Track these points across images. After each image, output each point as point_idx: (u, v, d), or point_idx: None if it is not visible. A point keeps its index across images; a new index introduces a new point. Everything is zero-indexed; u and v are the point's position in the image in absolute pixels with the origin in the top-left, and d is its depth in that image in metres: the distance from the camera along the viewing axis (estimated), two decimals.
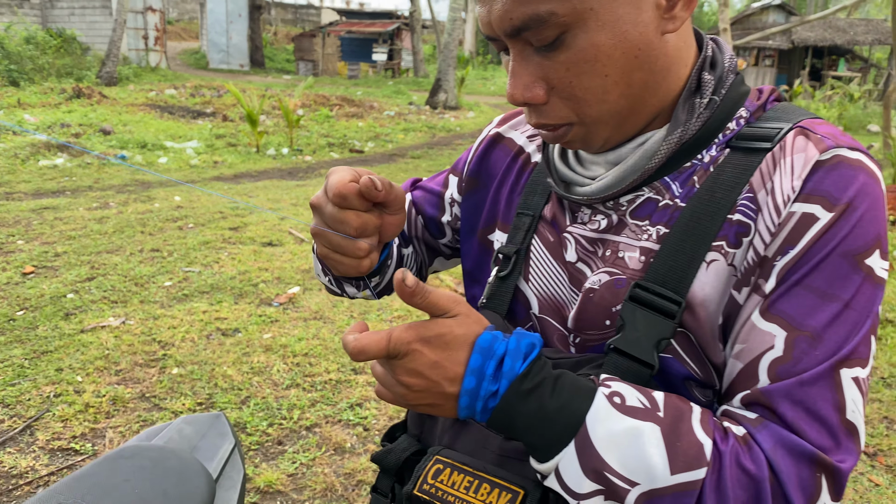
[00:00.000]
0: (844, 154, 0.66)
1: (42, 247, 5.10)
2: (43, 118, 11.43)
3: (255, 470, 2.60)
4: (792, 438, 0.61)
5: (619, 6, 0.65)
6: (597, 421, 0.62)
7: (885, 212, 0.66)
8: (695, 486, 0.60)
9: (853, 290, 0.63)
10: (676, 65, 0.72)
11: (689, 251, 0.69)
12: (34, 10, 22.90)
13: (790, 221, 0.66)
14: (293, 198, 7.16)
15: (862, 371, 0.63)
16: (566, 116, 0.71)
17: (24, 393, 3.05)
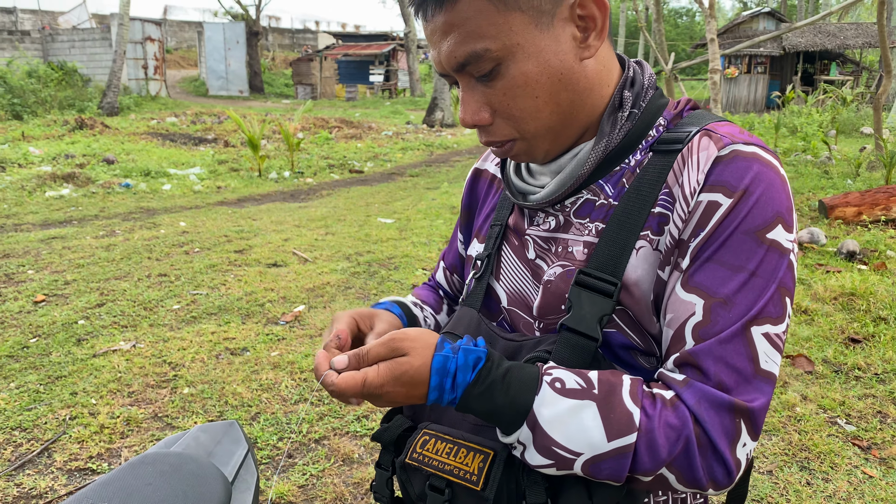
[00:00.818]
0: (740, 149, 0.78)
1: (52, 275, 5.21)
2: (47, 150, 11.59)
3: (266, 483, 2.68)
4: (713, 392, 0.72)
5: (541, 40, 0.78)
6: (542, 405, 0.74)
7: (785, 193, 0.77)
8: (629, 448, 0.71)
9: (757, 260, 0.75)
10: (598, 85, 0.84)
11: (621, 241, 0.82)
12: (35, 44, 23.21)
13: (699, 209, 0.77)
14: (296, 219, 7.27)
15: (773, 327, 0.75)
16: (509, 133, 0.85)
17: (41, 417, 3.14)
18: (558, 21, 0.79)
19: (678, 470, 0.72)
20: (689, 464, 0.71)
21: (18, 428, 3.06)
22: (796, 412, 3.09)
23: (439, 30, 0.79)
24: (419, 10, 0.81)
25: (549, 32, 0.78)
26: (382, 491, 0.95)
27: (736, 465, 0.72)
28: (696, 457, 0.71)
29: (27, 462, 2.81)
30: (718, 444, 0.71)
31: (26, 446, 2.93)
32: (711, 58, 6.29)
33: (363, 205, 8.22)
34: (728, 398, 0.72)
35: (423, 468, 0.85)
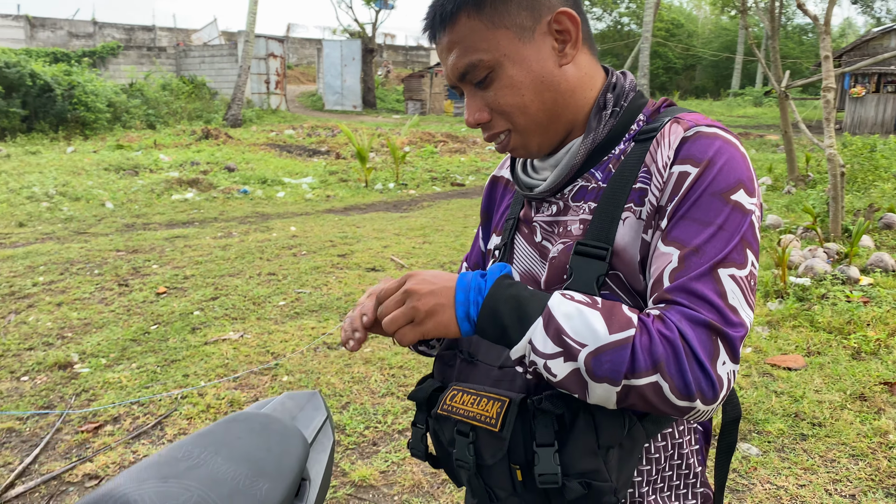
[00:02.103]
0: (702, 129, 0.93)
1: (173, 270, 5.68)
2: (175, 157, 12.50)
3: (352, 466, 2.86)
4: (691, 312, 0.84)
5: (523, 50, 0.97)
6: (555, 304, 0.87)
7: (745, 164, 0.92)
8: (628, 340, 0.83)
9: (724, 216, 0.88)
10: (581, 88, 1.01)
11: (610, 214, 0.97)
12: (170, 59, 24.99)
13: (672, 179, 0.92)
14: (396, 228, 7.55)
15: (738, 271, 0.87)
16: (503, 126, 1.02)
17: (157, 394, 3.47)
18: (538, 35, 0.97)
19: (671, 377, 0.81)
20: (680, 369, 0.81)
21: (137, 403, 3.39)
22: (888, 439, 2.98)
23: (445, 48, 0.99)
24: (430, 36, 1.02)
25: (530, 44, 0.97)
26: (417, 446, 1.10)
27: (718, 381, 0.82)
28: (685, 363, 0.81)
29: (142, 433, 3.12)
30: (701, 355, 0.82)
31: (143, 419, 3.25)
32: (825, 76, 6.07)
33: (461, 216, 8.42)
34: (704, 317, 0.84)
35: (452, 416, 0.99)
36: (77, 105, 16.20)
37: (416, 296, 0.92)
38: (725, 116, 25.74)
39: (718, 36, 39.54)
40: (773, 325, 4.26)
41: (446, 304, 0.92)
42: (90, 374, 3.70)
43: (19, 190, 9.35)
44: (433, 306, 0.92)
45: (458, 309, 0.91)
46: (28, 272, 5.60)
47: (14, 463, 2.88)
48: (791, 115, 8.31)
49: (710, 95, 35.35)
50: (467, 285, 0.92)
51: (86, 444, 3.03)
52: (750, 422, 3.14)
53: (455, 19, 0.97)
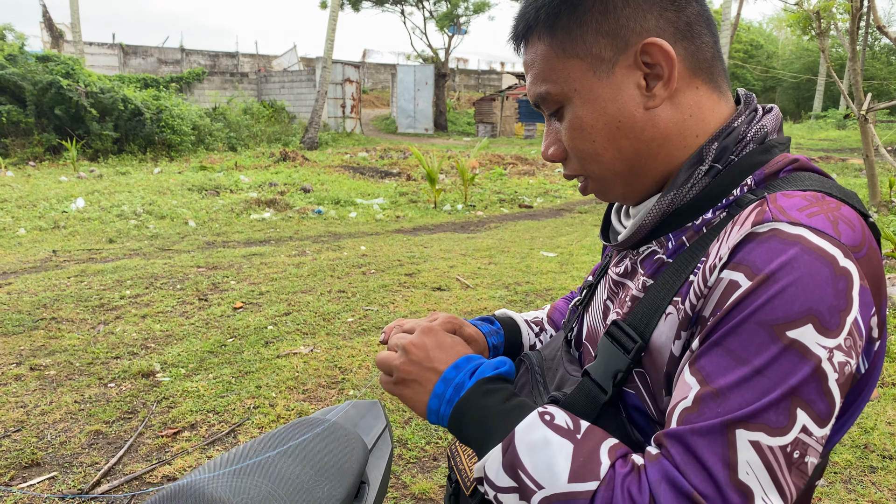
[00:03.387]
0: (781, 228, 0.69)
1: (250, 286, 5.93)
2: (254, 178, 12.99)
3: (412, 479, 2.95)
4: (676, 476, 0.66)
5: (599, 87, 0.80)
6: (524, 429, 0.75)
7: (834, 289, 0.66)
8: (585, 495, 0.69)
9: (767, 357, 0.66)
10: (677, 135, 0.81)
11: (657, 302, 0.79)
12: (251, 84, 25.98)
13: (719, 286, 0.70)
14: (463, 249, 7.66)
15: (769, 438, 0.65)
16: (578, 170, 0.88)
17: (231, 404, 3.65)
18: (620, 69, 0.80)
19: None
20: None
21: (212, 411, 3.58)
22: None
23: (525, 66, 0.89)
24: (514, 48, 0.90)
25: (608, 80, 0.80)
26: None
27: None
28: None
29: (217, 440, 3.29)
30: None
31: (217, 427, 3.42)
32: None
33: (528, 238, 8.46)
34: (688, 487, 0.65)
35: (452, 460, 0.99)
36: (164, 128, 17.07)
37: (407, 358, 0.88)
38: (806, 139, 24.94)
39: (800, 57, 38.44)
40: None
41: (424, 387, 0.86)
42: (170, 382, 3.92)
43: (110, 208, 9.92)
44: (412, 380, 0.87)
45: (431, 400, 0.85)
46: (116, 286, 5.96)
47: (101, 463, 3.09)
48: (881, 137, 8.05)
49: (791, 118, 34.30)
50: (452, 379, 0.84)
51: (165, 447, 3.22)
52: None
53: (528, 40, 0.86)
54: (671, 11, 0.80)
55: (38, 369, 4.09)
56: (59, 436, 3.31)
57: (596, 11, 0.80)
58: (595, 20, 0.80)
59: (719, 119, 0.83)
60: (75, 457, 3.13)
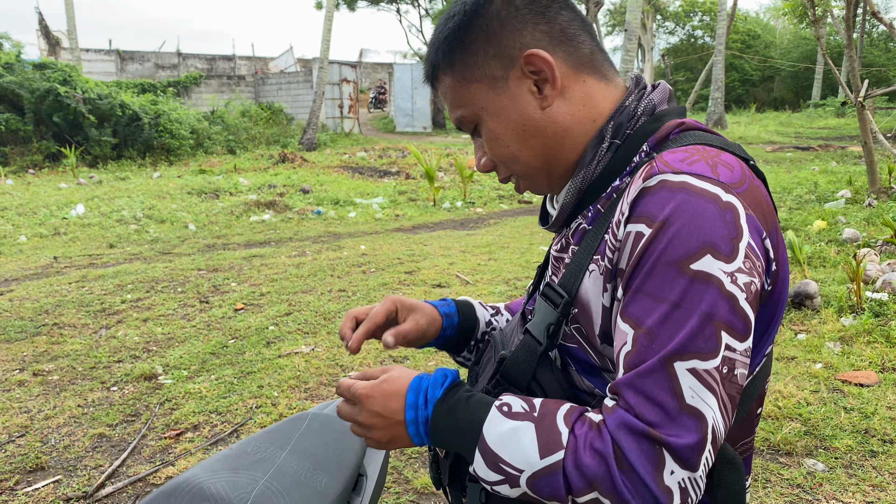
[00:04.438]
0: (667, 178, 0.79)
1: (250, 288, 5.95)
2: (254, 180, 13.01)
3: (415, 474, 2.96)
4: (630, 419, 0.75)
5: (500, 101, 0.93)
6: (490, 427, 0.83)
7: (722, 220, 0.76)
8: (558, 465, 0.77)
9: (679, 291, 0.75)
10: (577, 123, 0.93)
11: (580, 262, 0.90)
12: (248, 87, 25.97)
13: (629, 239, 0.80)
14: (462, 245, 7.66)
15: (701, 363, 0.75)
16: (507, 172, 1.01)
17: (233, 404, 3.66)
18: (512, 82, 0.92)
19: (608, 494, 0.75)
20: (615, 486, 0.74)
21: (215, 412, 3.59)
22: None
23: (443, 99, 1.01)
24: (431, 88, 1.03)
25: (505, 93, 0.93)
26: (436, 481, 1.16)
27: (666, 493, 0.73)
28: (619, 480, 0.74)
29: (220, 440, 3.31)
30: (638, 468, 0.73)
31: (220, 427, 3.44)
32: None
33: (528, 233, 8.47)
34: (643, 427, 0.74)
35: None
36: (163, 133, 17.09)
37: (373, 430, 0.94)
38: (805, 128, 24.92)
39: (798, 46, 38.32)
40: (845, 341, 4.15)
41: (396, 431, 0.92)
42: (173, 385, 3.94)
43: (110, 213, 9.94)
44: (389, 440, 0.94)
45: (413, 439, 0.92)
46: (117, 290, 5.97)
47: (105, 465, 3.10)
48: (879, 124, 8.04)
49: (790, 107, 34.25)
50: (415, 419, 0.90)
51: (168, 449, 3.23)
52: (817, 437, 3.08)
53: (436, 77, 0.98)
54: (543, 24, 0.92)
55: (41, 374, 4.11)
56: (62, 440, 3.33)
57: (480, 40, 0.93)
58: (482, 47, 0.93)
59: (611, 102, 0.95)
60: (79, 460, 3.15)
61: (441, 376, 0.92)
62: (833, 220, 7.50)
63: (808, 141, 20.13)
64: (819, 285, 4.98)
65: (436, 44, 0.97)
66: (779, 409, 3.31)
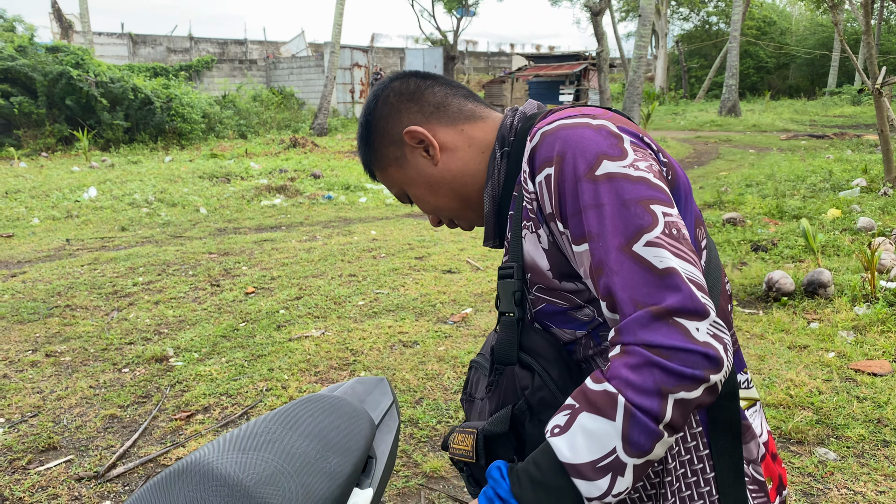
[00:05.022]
0: (544, 129, 0.97)
1: (261, 272, 5.96)
2: (265, 165, 13.02)
3: (424, 458, 2.97)
4: (636, 318, 0.82)
5: (408, 173, 1.17)
6: (562, 453, 0.85)
7: (601, 135, 0.92)
8: (629, 410, 0.80)
9: (597, 193, 0.89)
10: (469, 162, 1.14)
11: (516, 235, 1.06)
12: (260, 71, 25.96)
13: (543, 188, 0.96)
14: (473, 232, 7.65)
15: (650, 234, 0.85)
16: (447, 219, 1.23)
17: (244, 387, 3.68)
18: (408, 155, 1.15)
19: (676, 385, 0.79)
20: (674, 373, 0.79)
21: (226, 394, 3.61)
22: None
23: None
24: None
25: (407, 166, 1.16)
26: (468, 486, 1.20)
27: (704, 346, 0.80)
28: (671, 366, 0.79)
29: (230, 422, 3.32)
30: (676, 344, 0.79)
31: (230, 409, 3.45)
32: None
33: None
34: (647, 312, 0.82)
35: (454, 457, 1.13)
36: (174, 117, 17.11)
37: None
38: (821, 116, 24.65)
39: (814, 32, 37.85)
40: (859, 330, 4.12)
41: None
42: (184, 367, 3.96)
43: (122, 197, 9.98)
44: None
45: None
46: (129, 273, 6.00)
47: (116, 446, 3.13)
48: (888, 113, 7.93)
49: (805, 95, 33.89)
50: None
51: (179, 430, 3.25)
52: (828, 426, 3.06)
53: (373, 172, 1.22)
54: (414, 106, 1.15)
55: (53, 356, 4.14)
56: (74, 420, 3.36)
57: (378, 137, 1.17)
58: (381, 142, 1.17)
59: (492, 131, 1.15)
60: (91, 440, 3.18)
61: (496, 472, 0.93)
62: (848, 209, 7.42)
63: (823, 129, 19.93)
64: (833, 274, 4.94)
65: (360, 150, 1.22)
66: (791, 398, 3.29)
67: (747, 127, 21.11)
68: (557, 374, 1.00)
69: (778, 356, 3.81)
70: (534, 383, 1.00)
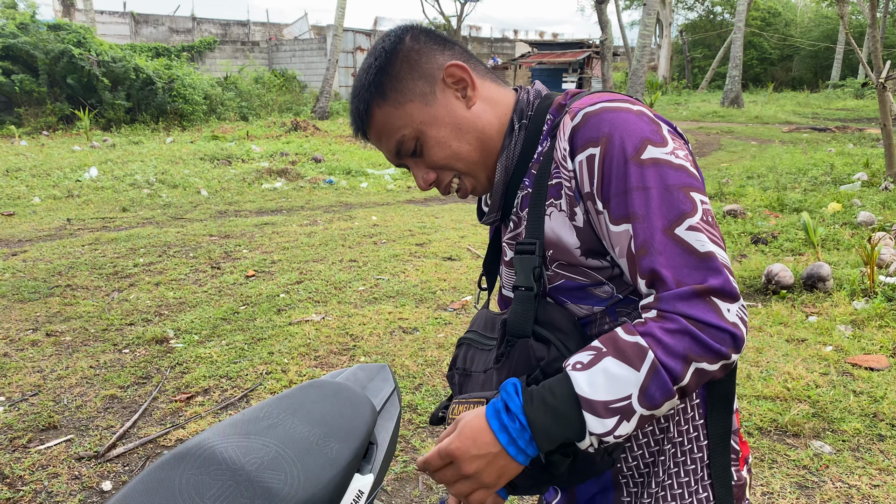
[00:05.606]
0: (587, 111, 0.98)
1: (262, 255, 5.96)
2: (266, 148, 12.99)
3: (422, 443, 2.99)
4: (677, 292, 0.88)
5: (433, 111, 1.09)
6: (580, 387, 0.90)
7: (643, 121, 0.95)
8: (655, 364, 0.87)
9: (643, 178, 0.92)
10: (494, 117, 1.11)
11: (536, 212, 1.06)
12: (262, 53, 25.81)
13: (584, 167, 0.97)
14: (474, 219, 7.63)
15: (692, 219, 0.91)
16: (450, 175, 1.14)
17: (244, 370, 3.69)
18: (439, 93, 1.09)
19: (702, 356, 0.87)
20: (704, 345, 0.86)
21: (226, 377, 3.63)
22: None
23: (375, 140, 1.13)
24: (361, 136, 1.14)
25: (436, 104, 1.09)
26: None
27: (734, 328, 0.87)
28: (705, 339, 0.86)
29: (230, 405, 3.34)
30: (710, 320, 0.87)
31: (230, 392, 3.47)
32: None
33: None
34: (689, 289, 0.88)
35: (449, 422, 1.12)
36: (176, 98, 17.04)
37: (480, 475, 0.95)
38: (824, 109, 24.56)
39: (819, 25, 37.62)
40: (857, 325, 4.13)
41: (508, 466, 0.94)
42: (184, 348, 3.97)
43: (123, 177, 9.96)
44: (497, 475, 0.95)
45: (518, 459, 0.93)
46: (130, 254, 6.01)
47: (116, 426, 3.14)
48: (891, 107, 7.91)
49: (808, 87, 33.75)
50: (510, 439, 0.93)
51: (179, 412, 3.27)
52: (825, 420, 3.08)
53: (370, 115, 1.10)
54: (448, 49, 1.12)
55: (53, 335, 4.16)
56: (74, 400, 3.37)
57: (405, 68, 1.09)
58: (407, 74, 1.09)
59: (510, 100, 1.14)
60: (91, 420, 3.19)
61: (511, 387, 0.96)
62: (848, 203, 7.42)
63: (825, 122, 19.87)
64: (832, 268, 4.95)
65: (362, 87, 1.10)
66: (787, 391, 3.31)
67: (749, 118, 21.03)
68: (575, 347, 1.02)
69: (776, 349, 3.83)
70: (550, 354, 1.02)
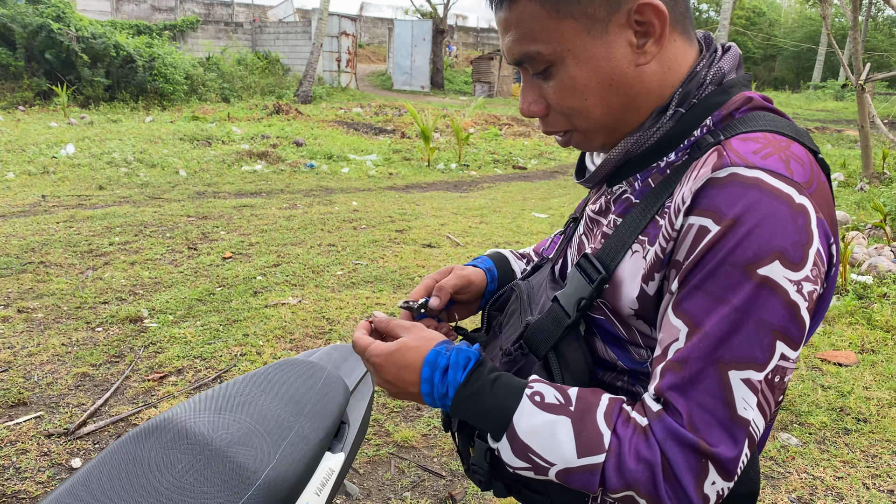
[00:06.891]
0: (739, 172, 0.73)
1: (240, 237, 5.92)
2: (247, 130, 12.86)
3: (396, 428, 2.99)
4: (680, 431, 0.73)
5: (592, 46, 0.81)
6: (521, 417, 0.80)
7: (795, 225, 0.72)
8: (597, 467, 0.76)
9: (743, 296, 0.71)
10: (658, 87, 0.84)
11: (624, 239, 0.84)
12: (245, 34, 25.52)
13: (691, 232, 0.75)
14: (455, 207, 7.64)
15: (756, 373, 0.72)
16: (563, 126, 0.90)
17: (218, 351, 3.67)
18: (613, 27, 0.80)
19: (646, 495, 0.75)
20: (656, 490, 0.74)
21: (199, 357, 3.60)
22: None
23: (502, 24, 0.86)
24: (489, 4, 0.88)
25: (601, 39, 0.81)
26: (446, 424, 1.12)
27: (702, 499, 0.73)
28: (661, 486, 0.73)
29: (203, 385, 3.32)
30: (682, 479, 0.72)
31: (204, 373, 3.45)
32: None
33: (520, 199, 8.46)
34: (693, 439, 0.72)
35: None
36: (157, 77, 16.81)
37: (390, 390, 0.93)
38: (804, 110, 24.83)
39: (802, 26, 37.99)
40: (827, 321, 4.20)
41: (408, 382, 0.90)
42: (158, 328, 3.94)
43: (100, 155, 9.82)
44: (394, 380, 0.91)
45: (432, 404, 0.89)
46: (105, 232, 5.93)
47: (87, 404, 3.11)
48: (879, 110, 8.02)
49: (790, 88, 34.08)
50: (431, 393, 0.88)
51: (151, 391, 3.25)
52: (792, 413, 3.13)
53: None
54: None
55: (25, 311, 4.10)
56: (45, 377, 3.34)
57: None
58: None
59: (688, 66, 0.86)
60: (62, 397, 3.16)
61: (464, 358, 0.87)
62: None
63: (805, 122, 20.08)
64: None
65: None
66: None
67: None
68: None
69: None
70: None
